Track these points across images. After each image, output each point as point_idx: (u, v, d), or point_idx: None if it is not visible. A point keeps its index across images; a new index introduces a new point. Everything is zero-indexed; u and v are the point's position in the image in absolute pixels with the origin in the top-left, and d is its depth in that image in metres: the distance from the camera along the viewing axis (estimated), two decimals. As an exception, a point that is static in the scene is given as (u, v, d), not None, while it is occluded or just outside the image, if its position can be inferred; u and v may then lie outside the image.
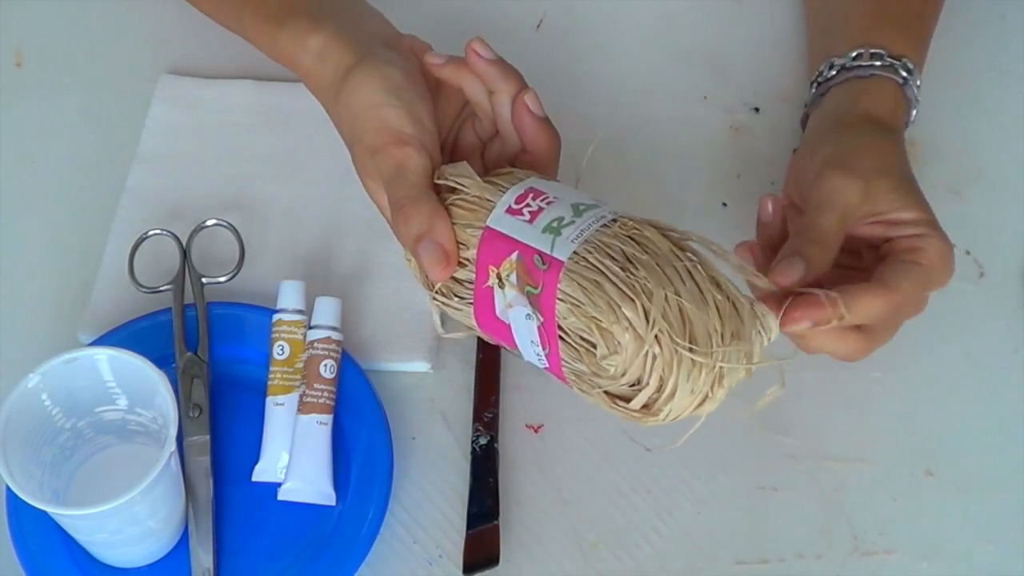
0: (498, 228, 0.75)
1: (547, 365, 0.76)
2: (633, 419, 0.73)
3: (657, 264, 0.71)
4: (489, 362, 0.90)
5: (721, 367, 0.70)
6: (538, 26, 1.05)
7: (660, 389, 0.70)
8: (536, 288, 0.73)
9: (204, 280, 0.89)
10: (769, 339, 0.73)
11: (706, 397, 0.71)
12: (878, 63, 0.87)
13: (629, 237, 0.72)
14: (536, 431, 0.88)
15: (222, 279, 0.90)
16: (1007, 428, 0.88)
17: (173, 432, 0.76)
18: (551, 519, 0.85)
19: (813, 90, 0.90)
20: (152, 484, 0.75)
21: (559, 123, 1.00)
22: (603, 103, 1.00)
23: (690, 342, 0.69)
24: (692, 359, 0.69)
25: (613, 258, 0.71)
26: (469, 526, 0.83)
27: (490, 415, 0.87)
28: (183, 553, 0.82)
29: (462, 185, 0.77)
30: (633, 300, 0.69)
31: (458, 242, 0.76)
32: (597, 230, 0.73)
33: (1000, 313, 0.92)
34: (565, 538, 0.84)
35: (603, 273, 0.71)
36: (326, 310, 0.87)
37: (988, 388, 0.90)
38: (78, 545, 0.81)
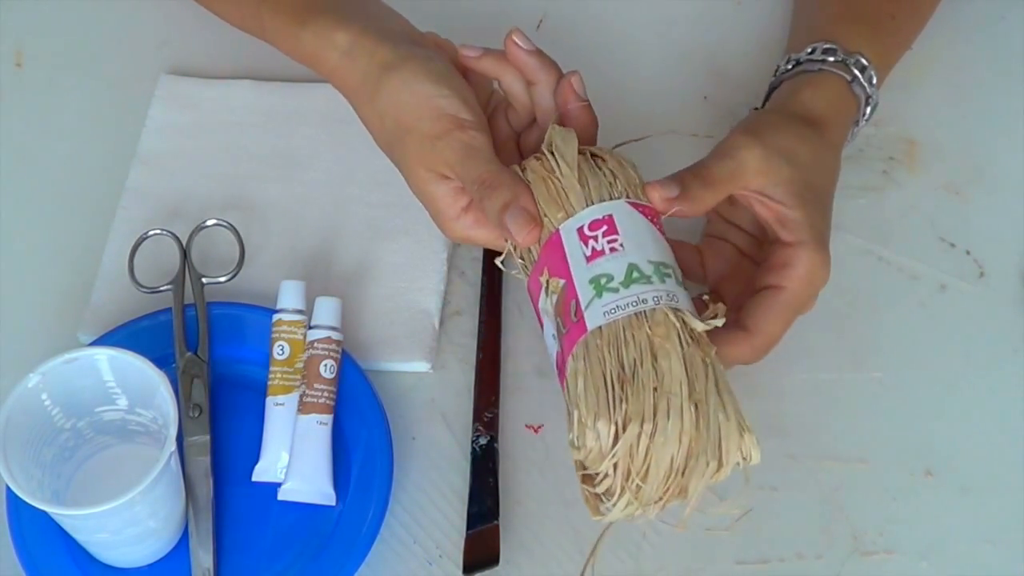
0: (564, 242, 0.76)
1: (557, 377, 0.77)
2: (585, 499, 0.74)
3: (655, 388, 0.71)
4: (489, 362, 0.90)
5: (662, 500, 0.73)
6: (538, 26, 1.05)
7: (607, 494, 0.73)
8: (564, 328, 0.75)
9: (204, 280, 0.89)
10: (749, 463, 0.73)
11: (645, 511, 0.73)
12: (830, 58, 0.87)
13: (650, 342, 0.72)
14: (536, 431, 0.88)
15: (222, 279, 0.90)
16: (1007, 428, 0.88)
17: (173, 432, 0.76)
18: (551, 519, 0.85)
19: (770, 84, 0.91)
20: (152, 484, 0.75)
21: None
22: (603, 103, 1.00)
23: (646, 474, 0.71)
24: (637, 489, 0.72)
25: (620, 363, 0.72)
26: (469, 526, 0.83)
27: (490, 415, 0.87)
28: (183, 553, 0.82)
29: (557, 165, 0.78)
30: (608, 420, 0.71)
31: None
32: (630, 315, 0.73)
33: (1000, 313, 0.92)
34: (565, 538, 0.84)
35: (603, 374, 0.72)
36: (326, 310, 0.87)
37: (988, 388, 0.90)
38: (78, 545, 0.81)
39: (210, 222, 0.91)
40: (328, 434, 0.84)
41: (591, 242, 0.75)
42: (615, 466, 0.71)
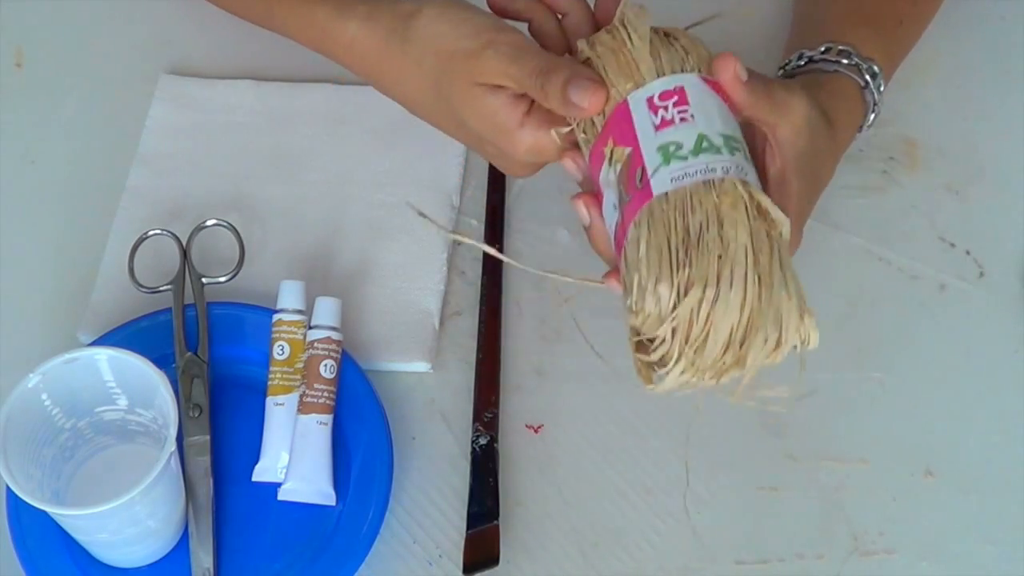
0: (632, 111, 0.74)
1: (614, 249, 0.75)
2: (637, 368, 0.72)
3: (719, 255, 0.69)
4: (489, 362, 0.90)
5: (720, 371, 0.70)
6: (538, 26, 1.05)
7: (661, 362, 0.70)
8: (627, 196, 0.73)
9: (204, 280, 0.89)
10: (806, 346, 0.71)
11: (701, 379, 0.71)
12: (844, 61, 0.87)
13: (717, 210, 0.70)
14: (536, 431, 0.88)
15: (222, 279, 0.90)
16: (1007, 428, 0.88)
17: (173, 432, 0.76)
18: (551, 519, 0.85)
19: (778, 75, 0.90)
20: (152, 484, 0.75)
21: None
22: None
23: (704, 341, 0.69)
24: (695, 355, 0.69)
25: (686, 228, 0.70)
26: (469, 526, 0.83)
27: (490, 415, 0.87)
28: (183, 553, 0.82)
29: (629, 38, 0.76)
30: (669, 283, 0.69)
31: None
32: (698, 183, 0.71)
33: (1000, 313, 0.92)
34: (565, 538, 0.84)
35: (667, 237, 0.70)
36: (326, 310, 0.87)
37: (988, 388, 0.90)
38: (78, 545, 0.81)
39: (210, 222, 0.91)
40: (328, 434, 0.84)
41: (660, 111, 0.73)
42: (673, 331, 0.69)
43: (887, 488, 0.86)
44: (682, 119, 0.73)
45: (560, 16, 0.83)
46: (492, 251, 0.82)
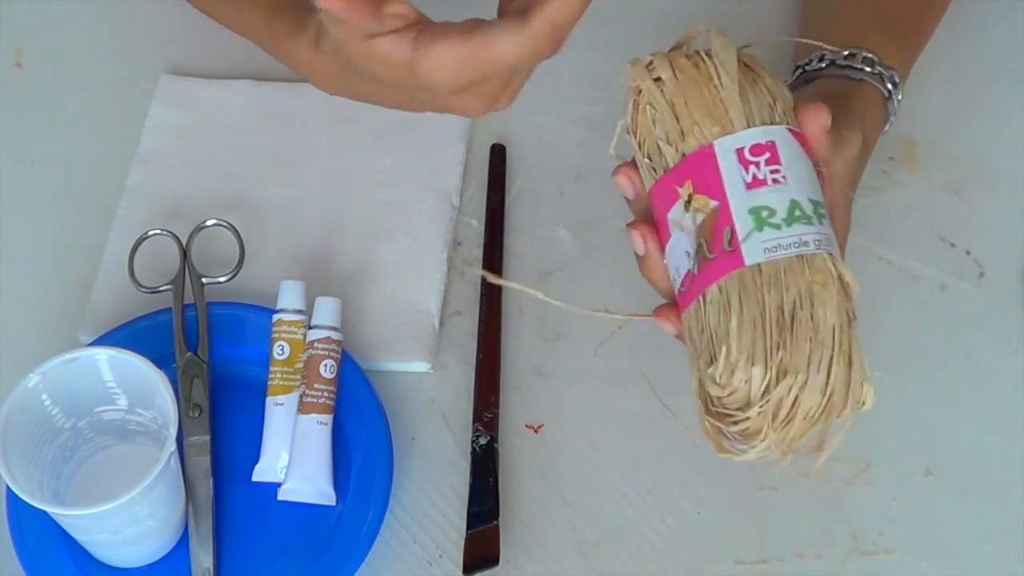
0: (720, 160, 0.71)
1: (676, 290, 0.73)
2: (706, 431, 0.71)
3: (810, 338, 0.68)
4: (489, 362, 0.90)
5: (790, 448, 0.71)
6: (538, 26, 1.05)
7: (744, 434, 0.70)
8: (710, 254, 0.70)
9: (204, 280, 0.89)
10: (863, 408, 0.71)
11: (782, 456, 0.71)
12: (868, 69, 0.86)
13: (809, 290, 0.69)
14: (536, 431, 0.88)
15: (222, 279, 0.90)
16: (1007, 428, 0.88)
17: (173, 432, 0.76)
18: (551, 519, 0.85)
19: (797, 73, 0.89)
20: (152, 484, 0.75)
21: (559, 123, 1.00)
22: (603, 103, 1.00)
23: (789, 422, 0.69)
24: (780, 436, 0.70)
25: (779, 308, 0.69)
26: (469, 526, 0.83)
27: (490, 415, 0.87)
28: (183, 553, 0.82)
29: (717, 74, 0.73)
30: (764, 366, 0.68)
31: (677, 119, 0.72)
32: (791, 257, 0.70)
33: (1000, 313, 0.92)
34: (565, 538, 0.84)
35: (760, 314, 0.69)
36: (326, 310, 0.86)
37: (988, 388, 0.90)
38: (78, 545, 0.81)
39: (210, 222, 0.91)
40: (328, 434, 0.84)
41: (752, 168, 0.71)
42: (759, 412, 0.69)
43: (887, 488, 0.86)
44: (774, 180, 0.71)
45: None
46: (539, 295, 0.79)
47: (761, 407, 0.68)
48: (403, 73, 0.71)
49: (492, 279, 0.82)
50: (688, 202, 0.72)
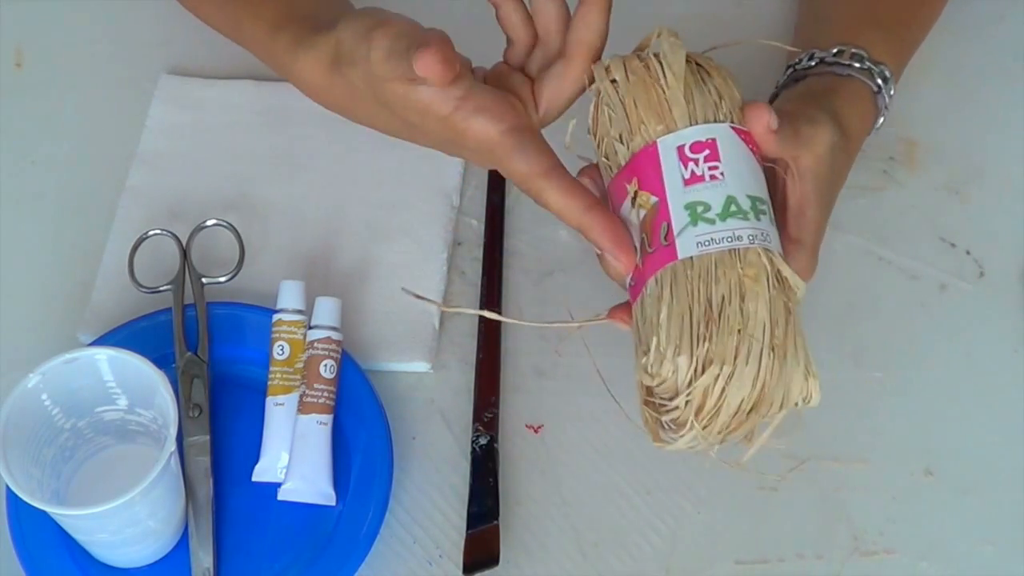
0: (661, 157, 0.73)
1: (628, 286, 0.75)
2: (644, 420, 0.73)
3: (739, 330, 0.69)
4: (489, 362, 0.90)
5: (727, 436, 0.72)
6: (538, 26, 1.05)
7: (673, 423, 0.71)
8: (649, 248, 0.72)
9: (204, 280, 0.89)
10: (808, 404, 0.72)
11: (708, 446, 0.72)
12: (857, 64, 0.86)
13: (740, 283, 0.70)
14: (536, 431, 0.88)
15: (222, 279, 0.90)
16: (1007, 428, 0.88)
17: (173, 432, 0.76)
18: (551, 519, 0.85)
19: (788, 73, 0.90)
20: (152, 484, 0.75)
21: (559, 123, 1.00)
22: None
23: (716, 414, 0.70)
24: (705, 426, 0.70)
25: (708, 300, 0.70)
26: (469, 526, 0.83)
27: (490, 415, 0.87)
28: (183, 553, 0.82)
29: (663, 74, 0.75)
30: (689, 356, 0.69)
31: (628, 119, 0.74)
32: (723, 251, 0.71)
33: (1000, 313, 0.92)
34: (565, 538, 0.84)
35: (689, 306, 0.70)
36: (326, 310, 0.87)
37: (988, 388, 0.90)
38: (78, 545, 0.81)
39: (210, 222, 0.91)
40: (328, 434, 0.84)
41: (691, 165, 0.73)
42: (686, 402, 0.70)
43: (887, 488, 0.86)
44: (712, 177, 0.72)
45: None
46: (490, 315, 0.83)
47: (687, 397, 0.69)
48: (435, 123, 0.75)
49: (489, 315, 0.83)
50: (634, 199, 0.74)
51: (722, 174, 0.73)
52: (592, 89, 0.77)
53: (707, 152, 0.73)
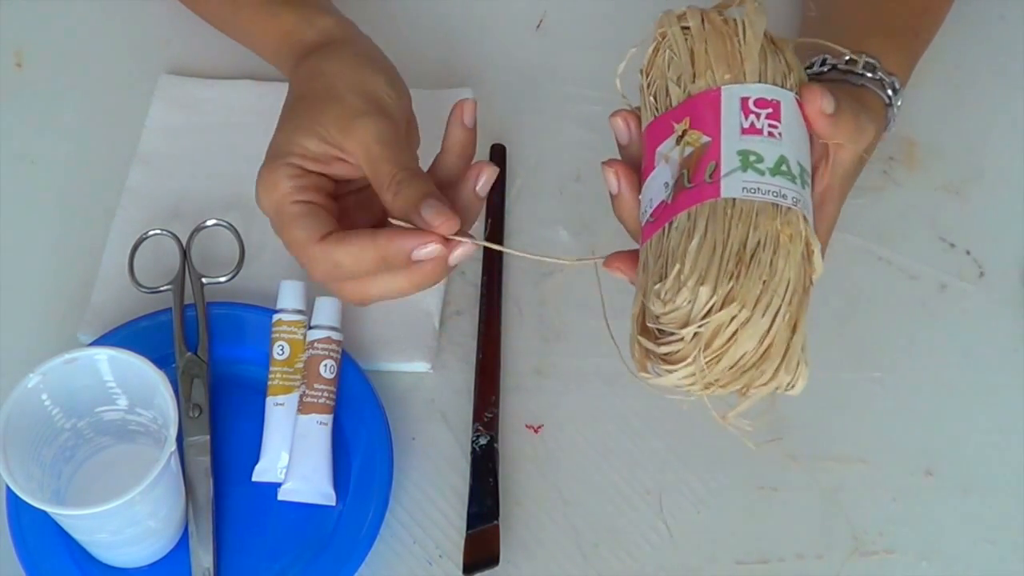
0: (722, 103, 0.73)
1: (643, 222, 0.74)
2: (633, 351, 0.71)
3: (764, 281, 0.69)
4: (489, 362, 0.90)
5: (716, 388, 0.70)
6: (538, 26, 1.05)
7: (666, 357, 0.70)
8: (689, 183, 0.71)
9: (204, 280, 0.89)
10: (791, 391, 0.71)
11: (701, 389, 0.71)
12: (869, 74, 0.86)
13: (776, 238, 0.70)
14: (536, 431, 0.88)
15: (222, 279, 0.90)
16: (1007, 428, 0.88)
17: (173, 432, 0.76)
18: (551, 519, 0.85)
19: None
20: (152, 484, 0.75)
21: (559, 123, 1.00)
22: (603, 103, 1.00)
23: (720, 356, 0.69)
24: (703, 366, 0.69)
25: (743, 242, 0.69)
26: (469, 526, 0.83)
27: (490, 415, 0.87)
28: (183, 553, 0.82)
29: (743, 31, 0.75)
30: (712, 288, 0.68)
31: (692, 63, 0.74)
32: (767, 201, 0.70)
33: (1000, 313, 0.92)
34: (565, 538, 0.84)
35: (723, 242, 0.69)
36: (326, 310, 0.86)
37: (988, 388, 0.90)
38: (78, 545, 0.81)
39: (210, 222, 0.91)
40: (328, 434, 0.84)
41: (751, 117, 0.72)
42: (693, 335, 0.68)
43: (887, 488, 0.86)
44: (770, 134, 0.72)
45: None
46: (491, 245, 0.81)
47: (699, 327, 0.68)
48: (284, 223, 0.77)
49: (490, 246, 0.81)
50: (681, 136, 0.73)
51: (780, 134, 0.72)
52: (657, 32, 0.77)
53: (770, 110, 0.73)
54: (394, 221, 0.74)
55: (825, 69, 0.86)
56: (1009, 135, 1.00)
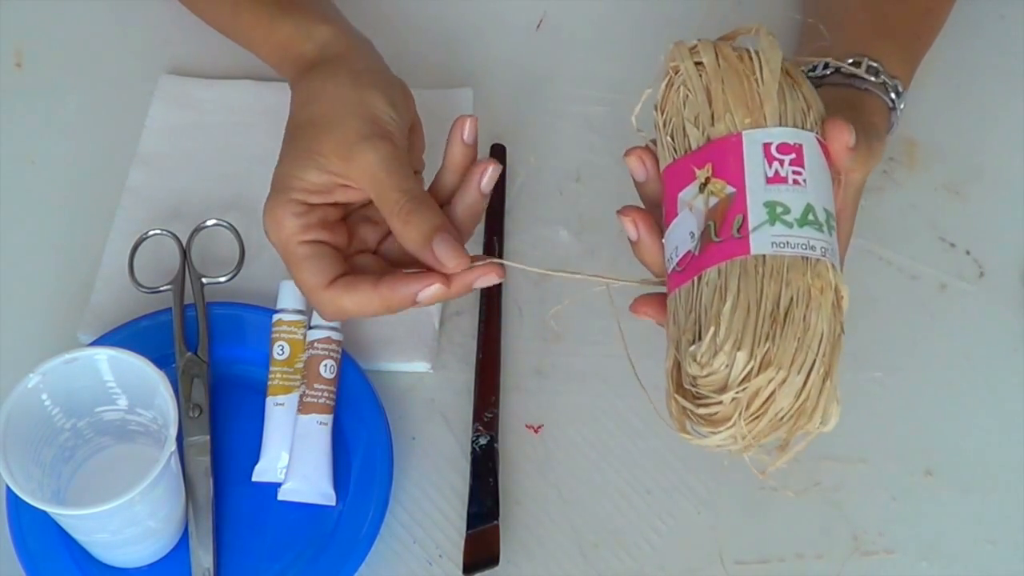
0: (745, 149, 0.72)
1: (669, 270, 0.73)
2: (671, 410, 0.71)
3: (798, 339, 0.69)
4: (489, 362, 0.90)
5: (752, 443, 0.70)
6: (538, 26, 1.05)
7: (710, 419, 0.70)
8: (716, 237, 0.71)
9: (204, 280, 0.89)
10: (823, 428, 0.71)
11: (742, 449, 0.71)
12: (873, 78, 0.86)
13: (808, 293, 0.70)
14: (536, 431, 0.88)
15: (222, 279, 0.90)
16: (1007, 428, 0.88)
17: (173, 432, 0.76)
18: (551, 519, 0.85)
19: None
20: (152, 484, 0.75)
21: (559, 123, 1.00)
22: (603, 103, 1.00)
23: (757, 417, 0.69)
24: (742, 430, 0.69)
25: (776, 301, 0.69)
26: (469, 526, 0.83)
27: (490, 415, 0.87)
28: (183, 553, 0.82)
29: (760, 70, 0.74)
30: (749, 353, 0.68)
31: (710, 104, 0.73)
32: (796, 256, 0.70)
33: (1000, 313, 0.92)
34: (565, 538, 0.84)
35: (757, 303, 0.69)
36: (326, 310, 0.86)
37: (988, 388, 0.90)
38: (78, 545, 0.81)
39: (210, 222, 0.91)
40: (328, 434, 0.84)
41: (775, 164, 0.71)
42: (734, 398, 0.68)
43: (887, 488, 0.86)
44: (795, 181, 0.71)
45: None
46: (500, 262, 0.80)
47: (737, 393, 0.68)
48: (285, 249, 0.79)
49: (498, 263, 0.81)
50: (704, 184, 0.72)
51: (805, 181, 0.71)
52: (669, 65, 0.76)
53: (793, 156, 0.72)
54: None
55: (827, 72, 0.86)
56: (1009, 135, 1.00)
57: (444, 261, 0.74)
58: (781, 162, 0.71)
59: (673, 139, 0.75)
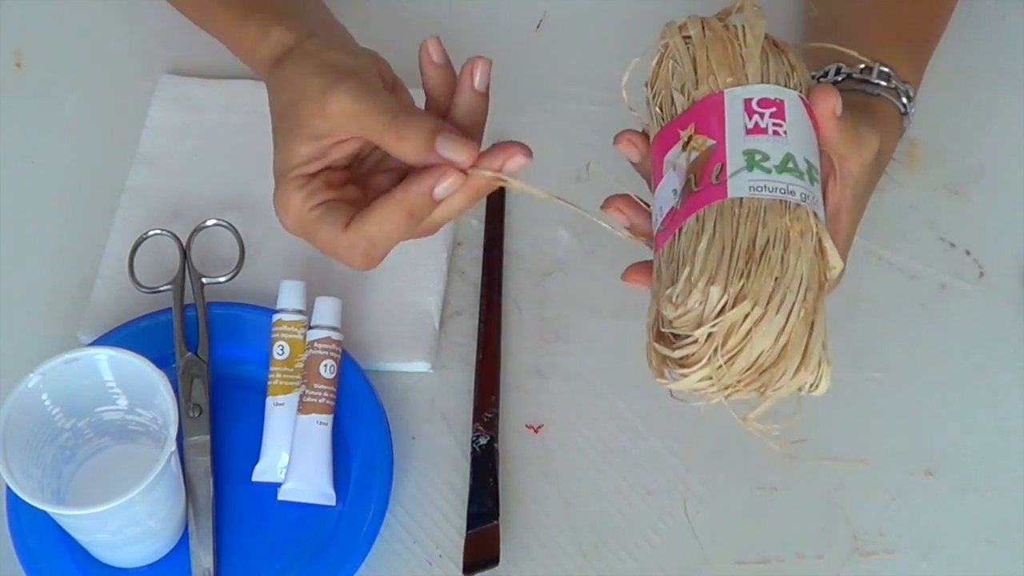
0: (727, 105, 0.72)
1: (655, 231, 0.74)
2: (650, 359, 0.71)
3: (776, 277, 0.68)
4: (489, 362, 0.90)
5: (734, 390, 0.69)
6: (538, 26, 1.05)
7: (681, 361, 0.69)
8: (696, 187, 0.71)
9: (204, 280, 0.89)
10: (814, 391, 0.70)
11: (712, 393, 0.70)
12: (884, 83, 0.85)
13: (786, 233, 0.69)
14: (536, 431, 0.88)
15: (222, 279, 0.90)
16: (1007, 428, 0.88)
17: (173, 432, 0.76)
18: (551, 519, 0.85)
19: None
20: (152, 484, 0.75)
21: (559, 123, 1.00)
22: (603, 103, 1.00)
23: (735, 356, 0.68)
24: (720, 367, 0.68)
25: (752, 239, 0.69)
26: (469, 526, 0.83)
27: (490, 415, 0.87)
28: (183, 553, 0.82)
29: (743, 34, 0.75)
30: (723, 287, 0.67)
31: (695, 71, 0.74)
32: (774, 199, 0.70)
33: (1000, 313, 0.92)
34: (565, 538, 0.84)
35: (732, 241, 0.69)
36: (326, 310, 0.87)
37: (988, 388, 0.90)
38: (78, 545, 0.81)
39: (210, 222, 0.91)
40: (328, 434, 0.84)
41: (755, 117, 0.72)
42: (708, 336, 0.68)
43: (887, 488, 0.86)
44: (775, 132, 0.72)
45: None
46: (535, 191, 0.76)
47: (712, 327, 0.67)
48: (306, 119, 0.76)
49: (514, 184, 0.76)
50: (687, 142, 0.73)
51: (785, 132, 0.72)
52: (660, 44, 0.77)
53: (774, 110, 0.72)
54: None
55: (840, 79, 0.86)
56: (1009, 135, 1.00)
57: (453, 157, 0.70)
58: (761, 115, 0.72)
59: (662, 109, 0.76)
